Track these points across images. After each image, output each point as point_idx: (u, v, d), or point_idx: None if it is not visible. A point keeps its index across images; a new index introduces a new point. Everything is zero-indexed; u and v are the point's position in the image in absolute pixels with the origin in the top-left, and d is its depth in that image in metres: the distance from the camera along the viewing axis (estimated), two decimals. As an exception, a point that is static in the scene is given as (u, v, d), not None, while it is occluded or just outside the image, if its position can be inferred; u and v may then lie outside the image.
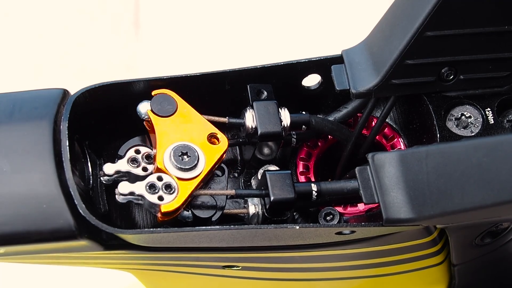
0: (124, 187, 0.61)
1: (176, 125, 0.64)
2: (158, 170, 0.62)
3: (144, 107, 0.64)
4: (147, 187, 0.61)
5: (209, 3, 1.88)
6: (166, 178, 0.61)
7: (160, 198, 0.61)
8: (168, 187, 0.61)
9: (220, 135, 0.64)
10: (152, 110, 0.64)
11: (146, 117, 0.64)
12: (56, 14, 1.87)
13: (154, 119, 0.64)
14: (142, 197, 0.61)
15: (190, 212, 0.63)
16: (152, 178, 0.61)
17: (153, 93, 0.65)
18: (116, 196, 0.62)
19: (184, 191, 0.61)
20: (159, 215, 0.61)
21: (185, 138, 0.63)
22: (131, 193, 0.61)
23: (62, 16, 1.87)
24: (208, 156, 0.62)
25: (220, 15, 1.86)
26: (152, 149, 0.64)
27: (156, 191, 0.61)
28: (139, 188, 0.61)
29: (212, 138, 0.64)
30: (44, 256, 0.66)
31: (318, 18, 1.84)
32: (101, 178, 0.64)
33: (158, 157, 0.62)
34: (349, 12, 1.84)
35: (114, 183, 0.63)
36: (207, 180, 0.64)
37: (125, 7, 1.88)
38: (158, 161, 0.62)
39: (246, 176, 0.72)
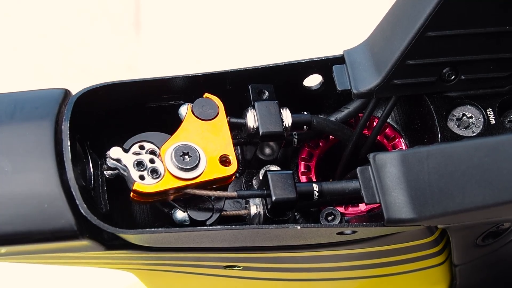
0: (115, 152, 0.62)
1: (202, 130, 0.64)
2: (159, 155, 0.62)
3: (186, 109, 0.64)
4: (135, 163, 0.61)
5: (210, 3, 1.88)
6: (157, 164, 0.62)
7: (141, 177, 0.61)
8: (154, 172, 0.61)
9: (233, 160, 0.63)
10: (192, 108, 0.64)
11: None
12: (57, 14, 1.87)
13: (188, 115, 0.64)
14: (126, 168, 0.61)
15: (186, 214, 0.63)
16: (145, 157, 0.62)
17: (205, 95, 0.65)
18: (107, 159, 0.62)
19: (166, 183, 0.61)
20: (131, 193, 0.62)
21: (200, 144, 0.63)
22: (118, 160, 0.62)
23: (63, 16, 1.87)
24: (208, 170, 0.62)
25: (221, 15, 1.86)
26: (156, 146, 0.64)
27: (142, 169, 0.61)
28: (128, 159, 0.61)
29: (224, 159, 0.63)
30: (45, 256, 0.66)
31: (319, 18, 1.84)
32: (106, 163, 0.64)
33: (165, 145, 0.62)
34: (351, 12, 1.84)
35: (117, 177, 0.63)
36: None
37: (125, 7, 1.88)
38: (163, 148, 0.62)
39: (248, 176, 0.72)
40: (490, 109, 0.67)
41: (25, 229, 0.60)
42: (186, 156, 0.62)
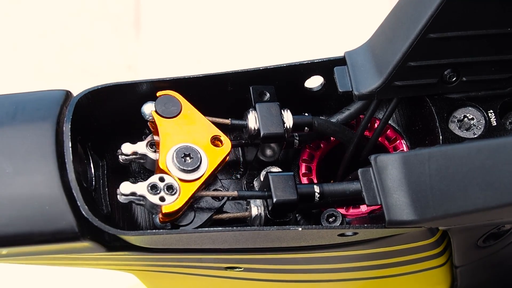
0: (125, 187, 0.61)
1: (179, 126, 0.64)
2: (161, 171, 0.62)
3: (148, 108, 0.64)
4: (149, 188, 0.61)
5: (211, 4, 1.88)
6: (168, 179, 0.61)
7: (162, 199, 0.61)
8: (170, 188, 0.61)
9: (223, 137, 0.64)
10: (156, 111, 0.64)
11: (150, 118, 0.64)
12: (57, 14, 1.87)
13: (158, 120, 0.64)
14: (143, 197, 0.61)
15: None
16: (154, 179, 0.61)
17: (158, 94, 0.65)
18: (118, 196, 0.62)
19: (186, 192, 0.61)
20: (160, 216, 0.61)
21: (189, 139, 0.63)
22: (133, 194, 0.61)
23: (63, 16, 1.87)
24: (211, 158, 0.62)
25: (222, 16, 1.86)
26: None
27: (158, 191, 0.61)
28: (141, 188, 0.61)
29: (215, 141, 0.64)
30: (46, 257, 0.66)
31: (320, 19, 1.84)
32: (119, 157, 0.64)
33: (160, 158, 0.62)
34: (352, 14, 1.84)
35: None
36: (210, 182, 0.64)
37: (125, 7, 1.88)
38: (160, 162, 0.62)
39: (249, 178, 0.72)
40: (491, 111, 0.67)
41: (26, 230, 0.60)
42: (188, 158, 0.62)
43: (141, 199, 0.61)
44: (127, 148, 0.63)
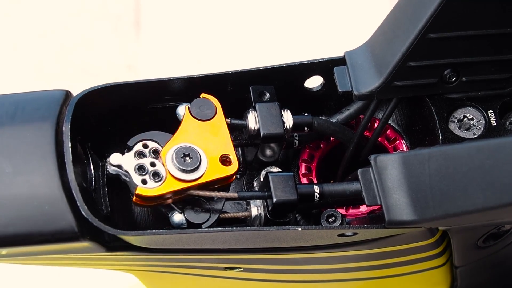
0: (115, 159, 0.62)
1: (201, 130, 0.64)
2: (160, 158, 0.62)
3: (183, 109, 0.65)
4: (136, 167, 0.61)
5: (211, 4, 1.88)
6: (159, 167, 0.62)
7: (144, 182, 0.61)
8: (156, 175, 0.61)
9: (233, 159, 0.63)
10: (189, 109, 0.64)
11: (181, 117, 0.65)
12: (57, 14, 1.87)
13: (186, 116, 0.64)
14: (128, 174, 0.61)
15: (183, 217, 0.63)
16: (146, 161, 0.62)
17: (201, 95, 0.65)
18: (107, 165, 0.62)
19: (168, 186, 0.61)
20: (134, 197, 0.62)
21: (201, 145, 0.63)
22: (119, 166, 0.62)
23: (63, 16, 1.87)
24: (210, 171, 0.62)
25: (222, 15, 1.86)
26: (159, 145, 0.64)
27: (143, 173, 0.61)
28: (129, 164, 0.61)
29: (225, 159, 0.63)
30: (46, 257, 0.66)
31: (320, 19, 1.84)
32: (107, 169, 0.64)
33: (165, 147, 0.62)
34: (352, 14, 1.84)
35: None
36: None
37: (125, 7, 1.88)
38: (163, 151, 0.62)
39: (249, 178, 0.72)
40: (491, 111, 0.67)
41: (26, 230, 0.60)
42: (187, 158, 0.62)
43: (126, 175, 0.62)
44: (115, 159, 0.63)
